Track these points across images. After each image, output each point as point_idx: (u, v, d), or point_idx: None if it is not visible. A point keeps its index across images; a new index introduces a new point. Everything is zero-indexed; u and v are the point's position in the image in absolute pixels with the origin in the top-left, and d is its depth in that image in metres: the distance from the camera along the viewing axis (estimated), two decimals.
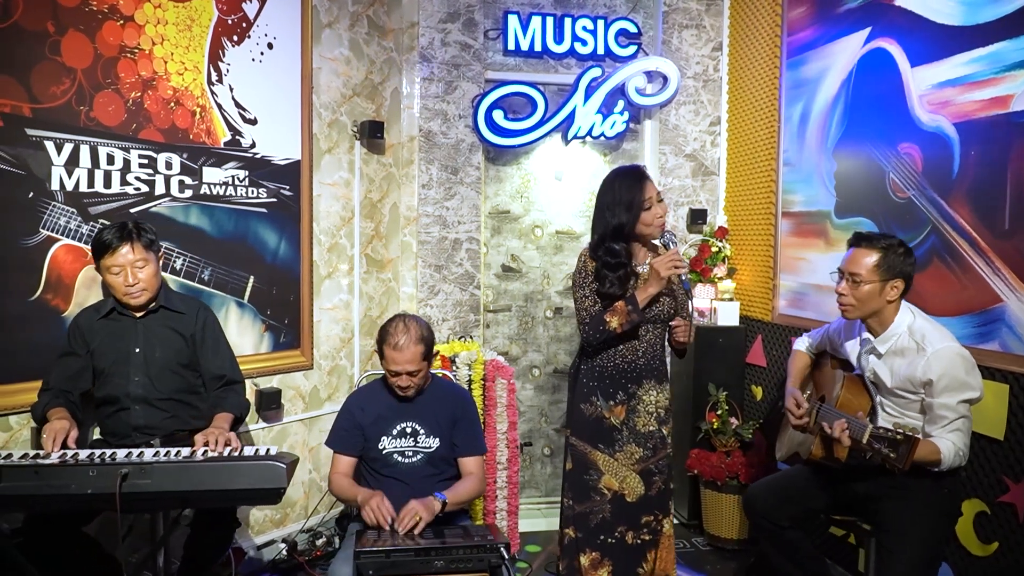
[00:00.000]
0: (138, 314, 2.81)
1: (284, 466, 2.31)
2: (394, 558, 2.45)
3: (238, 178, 3.60)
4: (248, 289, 3.66)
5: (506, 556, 2.50)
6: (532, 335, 4.67)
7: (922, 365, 2.50)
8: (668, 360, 3.03)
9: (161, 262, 2.88)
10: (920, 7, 3.09)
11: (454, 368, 3.83)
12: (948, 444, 2.44)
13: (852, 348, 2.80)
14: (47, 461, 2.28)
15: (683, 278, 2.79)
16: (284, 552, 3.75)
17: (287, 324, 3.86)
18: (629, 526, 2.88)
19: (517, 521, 3.89)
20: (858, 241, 2.69)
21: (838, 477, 2.74)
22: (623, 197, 2.82)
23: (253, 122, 3.65)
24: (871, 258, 2.60)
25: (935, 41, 3.01)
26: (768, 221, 4.15)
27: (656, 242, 2.88)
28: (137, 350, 2.78)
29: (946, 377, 2.45)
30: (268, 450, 2.52)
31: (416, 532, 2.58)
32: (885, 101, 3.28)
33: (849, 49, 3.52)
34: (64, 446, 2.45)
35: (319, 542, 3.89)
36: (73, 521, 2.60)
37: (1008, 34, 2.69)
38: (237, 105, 3.59)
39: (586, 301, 2.88)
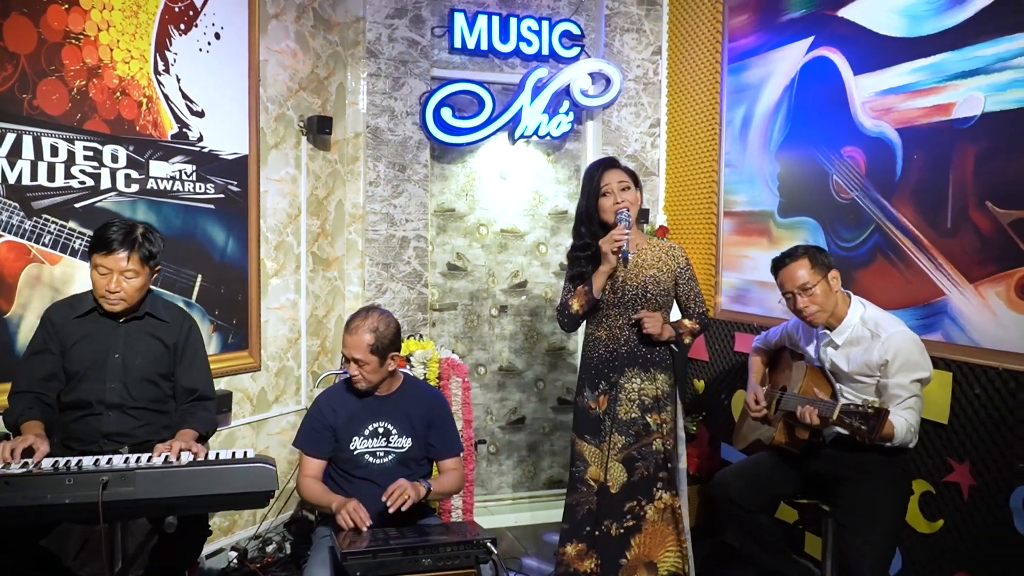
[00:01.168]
0: (121, 318, 2.65)
1: (274, 468, 2.25)
2: (381, 558, 2.41)
3: (185, 172, 3.46)
4: (196, 288, 3.53)
5: (494, 551, 2.51)
6: (477, 334, 4.67)
7: (878, 349, 2.67)
8: (663, 349, 3.08)
9: (154, 276, 2.70)
10: (863, 19, 3.27)
11: (409, 367, 3.80)
12: (901, 421, 2.61)
13: (811, 349, 2.95)
14: (14, 471, 2.13)
15: (624, 251, 2.86)
16: (235, 560, 3.63)
17: (235, 324, 3.73)
18: (614, 518, 2.94)
19: (472, 519, 3.90)
20: (782, 261, 2.87)
21: (801, 462, 2.89)
22: (585, 185, 3.08)
23: (200, 115, 3.52)
24: (803, 265, 2.79)
25: (878, 51, 3.19)
26: (710, 220, 4.30)
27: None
28: (116, 356, 2.61)
29: (900, 357, 2.64)
30: (245, 453, 2.44)
31: (404, 509, 2.58)
32: (828, 107, 3.46)
33: (792, 57, 3.69)
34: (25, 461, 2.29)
35: (269, 548, 3.79)
36: (30, 535, 2.44)
37: (950, 46, 2.88)
38: (184, 96, 3.45)
39: (563, 292, 3.13)
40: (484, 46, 4.44)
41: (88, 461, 2.27)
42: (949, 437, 2.90)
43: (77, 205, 3.05)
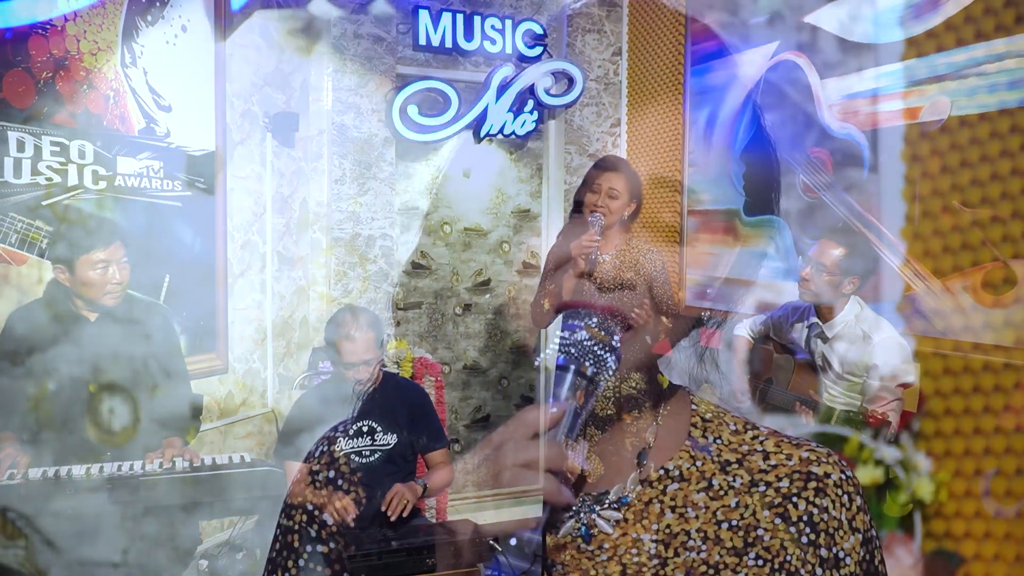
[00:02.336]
0: (92, 317, 2.55)
1: (284, 471, 2.21)
2: (386, 560, 2.41)
3: (153, 169, 3.34)
4: (164, 289, 3.41)
5: (498, 549, 2.52)
6: (442, 332, 4.66)
7: (868, 351, 2.80)
8: (637, 348, 3.13)
9: None
10: (830, 25, 3.40)
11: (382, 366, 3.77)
12: None
13: (801, 331, 3.06)
14: (7, 482, 2.03)
15: (592, 258, 2.93)
16: (206, 568, 3.53)
17: (202, 326, 3.63)
18: (591, 510, 2.99)
19: (446, 518, 3.90)
20: (835, 237, 2.97)
21: None
22: (586, 174, 3.07)
23: (168, 109, 3.41)
24: (836, 252, 2.88)
25: (845, 56, 3.32)
26: (672, 219, 4.39)
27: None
28: (90, 359, 2.52)
29: (888, 364, 2.77)
30: (243, 457, 2.39)
31: (405, 514, 2.59)
32: (795, 109, 3.57)
33: (757, 60, 3.79)
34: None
35: (239, 555, 3.70)
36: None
37: (917, 52, 3.03)
38: (152, 90, 3.34)
39: (539, 286, 3.12)
40: (448, 44, 4.42)
41: (79, 469, 2.19)
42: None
43: (45, 203, 2.91)
